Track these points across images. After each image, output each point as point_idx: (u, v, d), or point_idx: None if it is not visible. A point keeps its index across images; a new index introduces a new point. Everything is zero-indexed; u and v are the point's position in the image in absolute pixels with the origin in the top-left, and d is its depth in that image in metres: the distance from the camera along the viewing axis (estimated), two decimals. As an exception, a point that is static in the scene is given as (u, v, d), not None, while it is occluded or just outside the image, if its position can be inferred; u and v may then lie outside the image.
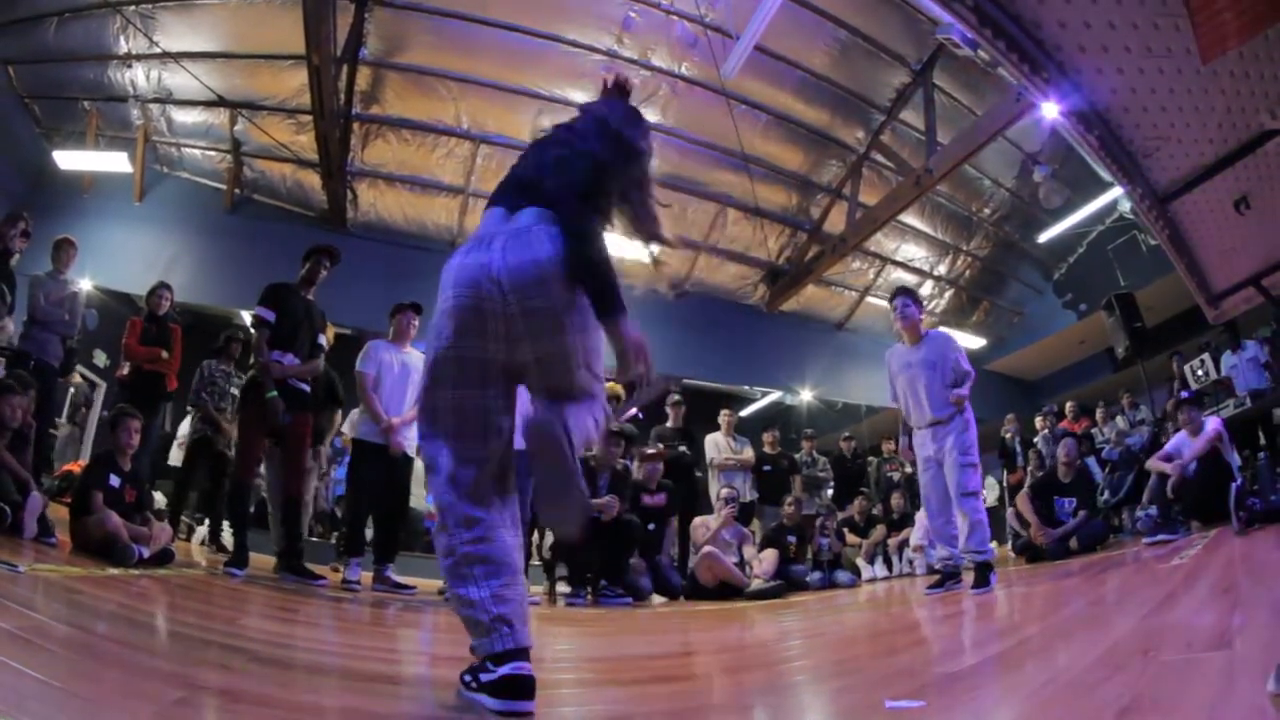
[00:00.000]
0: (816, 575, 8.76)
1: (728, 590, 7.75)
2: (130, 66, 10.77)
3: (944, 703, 2.03)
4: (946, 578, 6.12)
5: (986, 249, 13.47)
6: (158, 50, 10.19)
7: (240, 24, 10.09)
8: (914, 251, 13.30)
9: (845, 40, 9.98)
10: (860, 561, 9.45)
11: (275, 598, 3.78)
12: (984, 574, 5.68)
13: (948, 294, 14.12)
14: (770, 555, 8.40)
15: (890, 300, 6.73)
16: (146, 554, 5.09)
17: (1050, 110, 7.17)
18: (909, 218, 12.06)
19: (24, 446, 5.50)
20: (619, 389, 8.93)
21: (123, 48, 10.50)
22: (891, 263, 13.35)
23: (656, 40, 9.94)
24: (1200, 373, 10.77)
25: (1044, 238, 12.88)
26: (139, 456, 5.75)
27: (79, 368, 10.30)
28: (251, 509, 6.74)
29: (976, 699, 2.10)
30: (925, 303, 13.43)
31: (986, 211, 12.74)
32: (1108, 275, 12.34)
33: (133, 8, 9.93)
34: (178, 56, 10.28)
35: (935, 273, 13.68)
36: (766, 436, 10.40)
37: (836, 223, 12.05)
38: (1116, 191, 10.78)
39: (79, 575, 3.85)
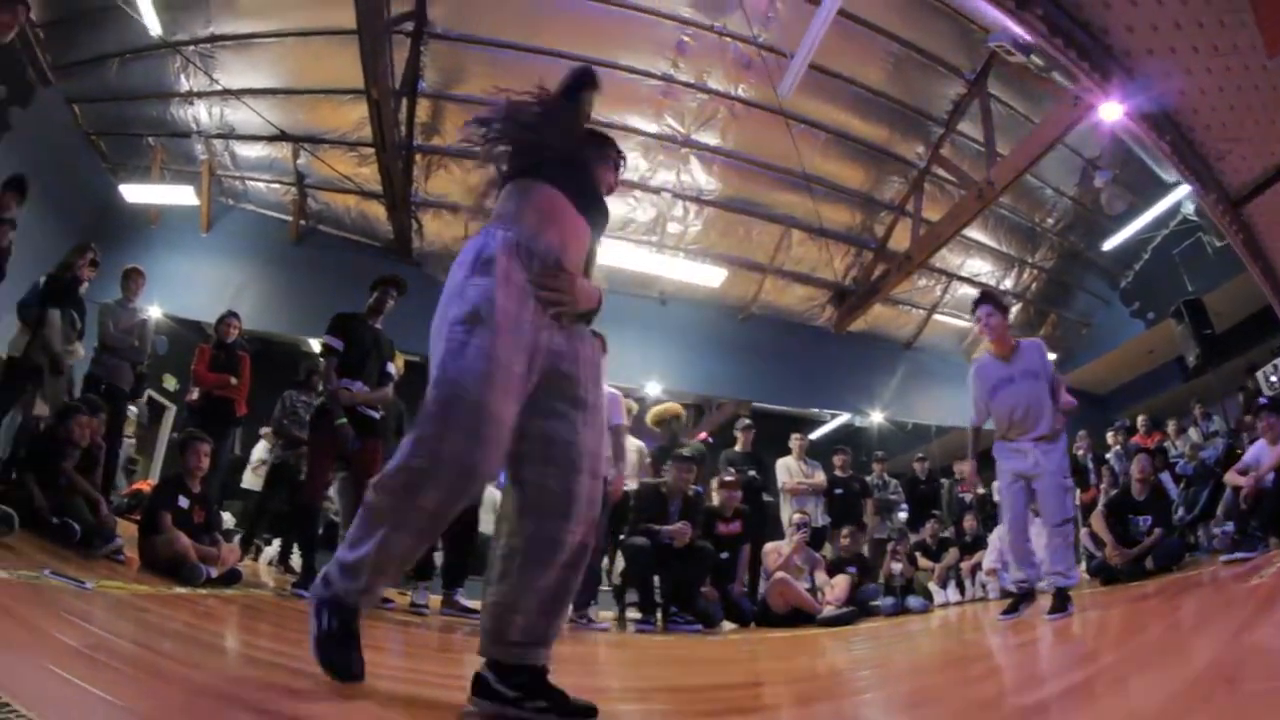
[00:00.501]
0: (889, 601, 8.51)
1: (800, 617, 7.55)
2: (192, 103, 11.07)
3: None
4: (1020, 600, 5.80)
5: (1052, 260, 13.14)
6: (218, 88, 10.45)
7: (298, 60, 10.32)
8: (980, 266, 13.03)
9: (898, 53, 9.85)
10: (932, 586, 9.19)
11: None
12: (1063, 600, 5.39)
13: (1015, 308, 13.73)
14: (842, 581, 8.18)
15: (973, 308, 6.26)
16: (214, 574, 5.10)
17: (1110, 113, 7.01)
18: (973, 232, 11.79)
19: (93, 466, 5.59)
20: (679, 409, 8.84)
21: (184, 86, 10.81)
22: (957, 279, 13.08)
23: (712, 63, 9.89)
24: (1275, 379, 10.41)
25: (1109, 245, 12.48)
26: (208, 479, 5.79)
27: (149, 392, 10.49)
28: (320, 531, 6.73)
29: None
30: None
31: (1050, 221, 12.43)
32: (1174, 281, 11.94)
33: (192, 47, 10.20)
34: (239, 93, 10.52)
35: (1002, 287, 13.30)
36: (837, 459, 10.16)
37: (901, 240, 11.83)
38: (1179, 193, 10.57)
39: (146, 593, 3.84)
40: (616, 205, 11.35)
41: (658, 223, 11.82)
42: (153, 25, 9.52)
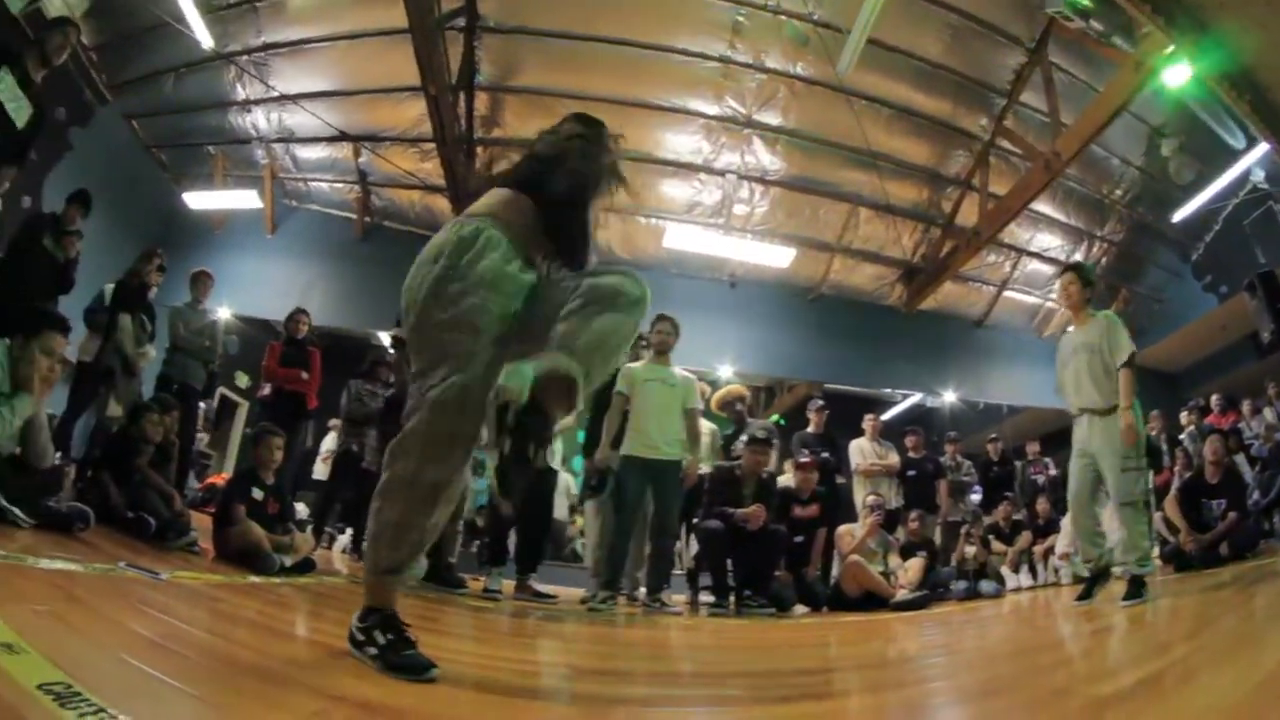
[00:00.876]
0: (961, 585, 8.34)
1: (873, 600, 7.40)
2: (250, 110, 11.37)
3: None
4: (1093, 583, 5.63)
5: (1121, 233, 12.72)
6: (275, 94, 10.68)
7: (352, 62, 10.49)
8: (1049, 241, 12.69)
9: (956, 24, 9.58)
10: (1005, 570, 8.97)
11: (416, 606, 3.73)
12: (1138, 586, 5.20)
13: (1086, 284, 13.42)
14: (916, 564, 8.02)
15: (1058, 278, 6.34)
16: (288, 563, 5.13)
17: (1176, 76, 6.77)
18: (1041, 205, 11.48)
19: (167, 462, 5.69)
20: (743, 391, 8.74)
21: (240, 94, 11.13)
22: (1026, 254, 12.74)
23: (769, 42, 9.76)
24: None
25: (1178, 216, 11.96)
26: (281, 470, 5.84)
27: (221, 389, 10.74)
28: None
29: None
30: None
31: (1118, 193, 12.02)
32: (1246, 253, 11.41)
33: (245, 57, 10.48)
34: (295, 98, 10.76)
35: (1072, 261, 12.90)
36: (909, 440, 9.97)
37: (969, 215, 11.59)
38: (1248, 160, 10.10)
39: (220, 583, 3.88)
40: (682, 189, 11.47)
41: (724, 205, 11.76)
42: (204, 39, 9.75)
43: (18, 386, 3.96)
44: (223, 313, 9.61)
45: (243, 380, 13.18)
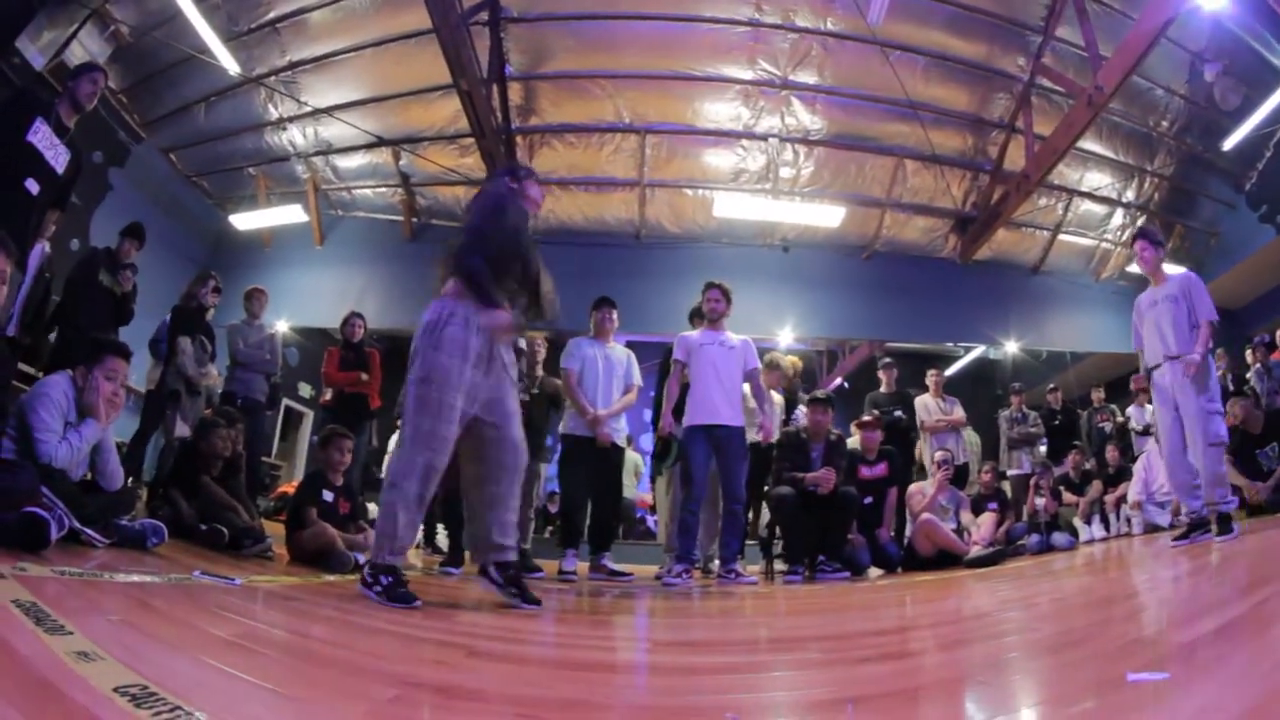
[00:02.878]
0: (1034, 538, 8.17)
1: (946, 559, 7.34)
2: (285, 128, 11.58)
3: (1189, 673, 1.79)
4: (1193, 528, 5.68)
5: (1171, 166, 12.30)
6: (308, 109, 10.85)
7: (381, 68, 10.58)
8: (1099, 179, 12.33)
9: (983, -38, 9.40)
10: (1077, 521, 8.79)
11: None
12: (1226, 523, 5.35)
13: (1140, 221, 12.96)
14: (988, 519, 7.91)
15: (1131, 244, 6.57)
16: (362, 559, 5.19)
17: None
18: (1087, 143, 11.18)
19: (235, 474, 5.79)
20: (798, 362, 8.68)
21: (273, 114, 11.34)
22: (1078, 194, 12.42)
23: (796, 1, 9.62)
24: None
25: (1228, 144, 11.51)
26: (350, 471, 5.93)
27: (286, 401, 10.95)
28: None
29: (1224, 668, 1.80)
30: (1119, 232, 12.79)
31: (1165, 124, 11.61)
32: (1301, 179, 11.15)
33: (273, 78, 10.65)
34: (328, 110, 10.95)
35: (1123, 199, 12.67)
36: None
37: (1016, 159, 11.30)
38: None
39: (295, 584, 3.94)
40: (725, 158, 11.53)
41: (769, 169, 11.66)
42: (230, 66, 9.96)
43: (84, 414, 4.04)
44: (280, 326, 9.79)
45: (306, 390, 13.47)
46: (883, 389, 9.29)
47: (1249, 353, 10.09)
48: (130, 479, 5.84)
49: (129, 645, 1.78)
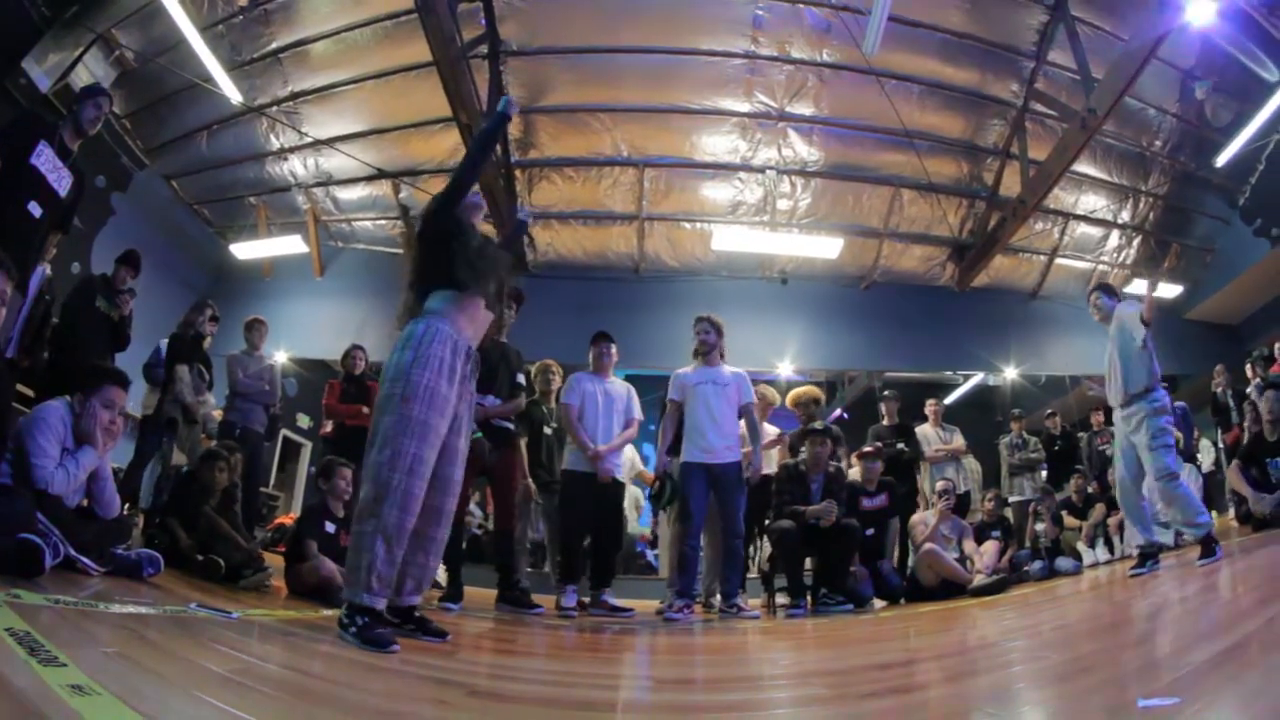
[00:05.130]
0: (1037, 564, 8.17)
1: (949, 589, 7.30)
2: (286, 159, 11.65)
3: (1201, 697, 1.78)
4: (1145, 557, 5.79)
5: (1165, 185, 12.36)
6: (309, 140, 10.93)
7: (382, 100, 10.64)
8: (1094, 201, 12.40)
9: (974, -10, 9.54)
10: (1081, 546, 8.73)
11: (491, 629, 3.72)
12: (1208, 545, 5.38)
13: (1135, 241, 13.11)
14: (990, 547, 7.88)
15: (1087, 298, 6.65)
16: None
17: (1200, 14, 6.62)
18: (1082, 166, 11.21)
19: (230, 505, 5.75)
20: (819, 393, 8.67)
21: (274, 144, 11.41)
22: (1074, 217, 12.49)
23: (791, 32, 9.69)
24: None
25: (1221, 160, 11.49)
26: (352, 502, 5.89)
27: (283, 431, 10.94)
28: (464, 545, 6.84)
29: (1236, 689, 1.83)
30: (1115, 254, 13.02)
31: (1158, 144, 11.68)
32: (1294, 190, 11.19)
33: (275, 108, 10.72)
34: (329, 141, 11.02)
35: (1119, 220, 12.74)
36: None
37: (1011, 185, 11.40)
38: None
39: (293, 618, 3.89)
40: (723, 190, 11.55)
41: (767, 201, 11.68)
42: (233, 95, 10.03)
43: (81, 441, 4.02)
44: (279, 357, 9.78)
45: (304, 421, 13.45)
46: (884, 421, 9.23)
47: (1249, 367, 10.08)
48: (126, 507, 5.83)
49: (124, 679, 1.76)
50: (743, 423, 6.66)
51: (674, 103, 10.50)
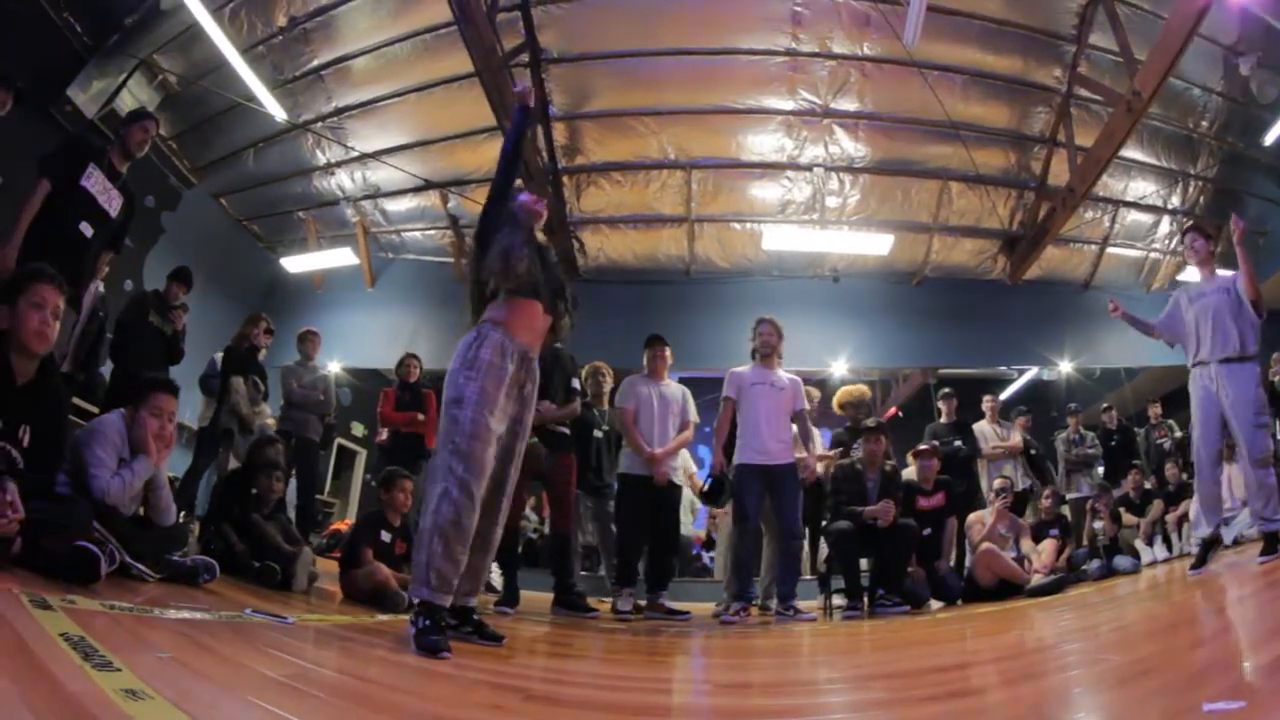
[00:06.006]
0: (1095, 564, 7.99)
1: (1007, 589, 7.16)
2: (333, 173, 11.81)
3: (1267, 700, 1.72)
4: (1208, 547, 5.64)
5: (1214, 167, 12.00)
6: (355, 154, 11.09)
7: (425, 112, 10.73)
8: (1143, 187, 12.10)
9: (1011, -26, 9.38)
10: (1139, 543, 8.54)
11: (547, 633, 3.70)
12: (1273, 543, 5.13)
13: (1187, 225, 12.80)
14: (1048, 546, 7.72)
15: (1182, 238, 6.29)
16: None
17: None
18: (1130, 151, 10.90)
19: (279, 513, 5.81)
20: (866, 391, 8.58)
21: (321, 159, 11.58)
22: (1124, 204, 12.20)
23: (830, 27, 9.58)
24: None
25: (1270, 139, 11.08)
26: (408, 513, 5.92)
27: (339, 440, 11.10)
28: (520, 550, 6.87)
29: None
30: (1167, 240, 12.66)
31: (1205, 125, 11.31)
32: (1346, 166, 10.82)
33: (319, 124, 10.86)
34: (376, 155, 11.16)
35: (1169, 206, 12.41)
36: (1019, 421, 9.74)
37: (1060, 174, 11.18)
38: None
39: (348, 623, 3.91)
40: (772, 190, 11.50)
41: (815, 199, 11.59)
42: (277, 113, 10.19)
43: (135, 450, 4.07)
44: (333, 367, 9.89)
45: (358, 430, 13.60)
46: (942, 419, 9.13)
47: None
48: (183, 515, 5.90)
49: (178, 684, 1.75)
50: (795, 427, 6.62)
51: (718, 103, 10.44)
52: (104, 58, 8.92)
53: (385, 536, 5.64)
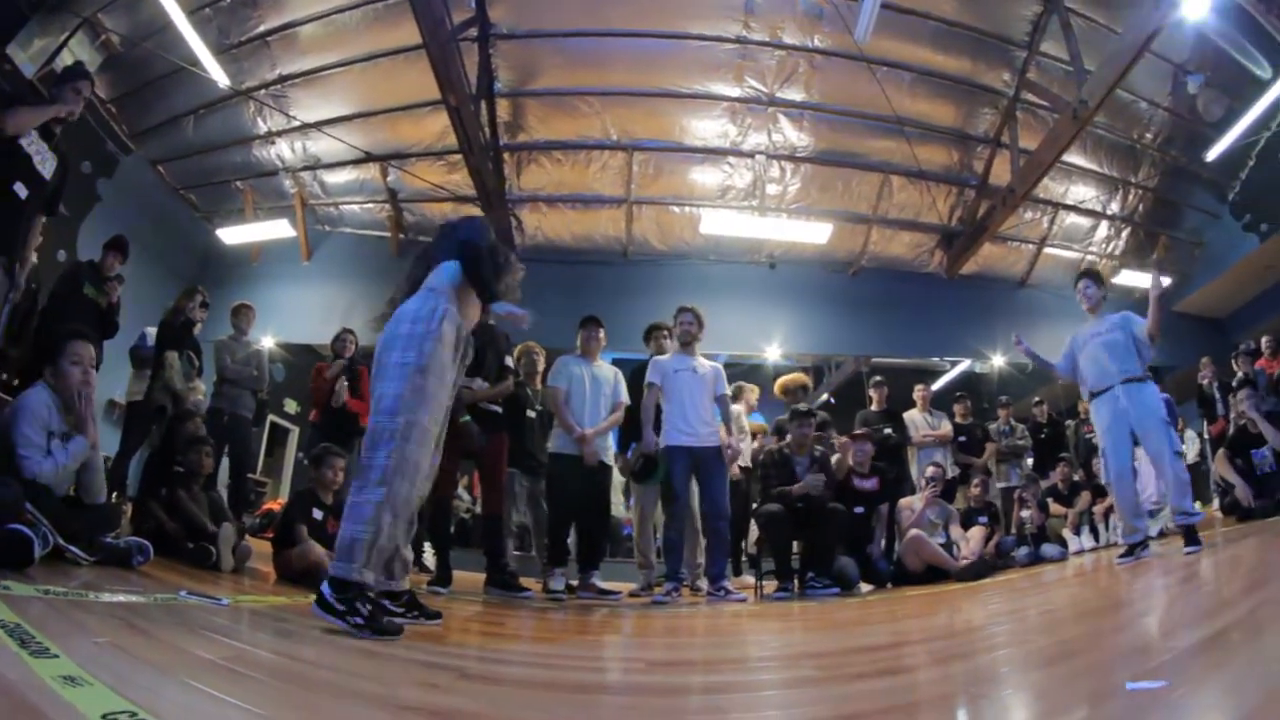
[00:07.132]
0: (1023, 551, 8.22)
1: (935, 574, 7.33)
2: (273, 143, 11.55)
3: (1188, 681, 1.79)
4: (1134, 547, 5.83)
5: (1155, 178, 12.39)
6: (296, 123, 10.86)
7: (370, 83, 10.56)
8: (1084, 192, 12.43)
9: (968, -22, 9.49)
10: (1066, 533, 8.79)
11: (480, 613, 3.73)
12: (1193, 534, 5.41)
13: (1124, 233, 13.15)
14: (976, 533, 7.93)
15: (1075, 284, 6.86)
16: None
17: (1194, 9, 6.65)
18: (1073, 156, 11.25)
19: (210, 488, 5.83)
20: (806, 379, 8.70)
21: (261, 128, 11.30)
22: (1063, 207, 12.50)
23: (783, 18, 9.64)
24: None
25: (1212, 155, 11.52)
26: (341, 491, 5.88)
27: (271, 417, 10.94)
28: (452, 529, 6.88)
29: (1221, 674, 1.84)
30: (1104, 244, 13.02)
31: (1149, 136, 11.69)
32: (1283, 187, 11.23)
33: (262, 91, 10.60)
34: (317, 125, 10.95)
35: (1108, 211, 12.76)
36: (957, 408, 9.98)
37: (1001, 174, 11.37)
38: (1277, 91, 9.75)
39: (283, 604, 3.90)
40: (712, 175, 11.52)
41: (756, 186, 11.67)
42: (220, 79, 9.92)
43: (69, 412, 4.00)
44: (266, 342, 9.73)
45: (292, 407, 13.42)
46: (873, 407, 9.28)
47: (1234, 360, 10.13)
48: (115, 495, 5.81)
49: (116, 669, 1.76)
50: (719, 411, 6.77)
51: (664, 87, 10.45)
52: (47, 15, 8.61)
53: (318, 514, 5.60)
